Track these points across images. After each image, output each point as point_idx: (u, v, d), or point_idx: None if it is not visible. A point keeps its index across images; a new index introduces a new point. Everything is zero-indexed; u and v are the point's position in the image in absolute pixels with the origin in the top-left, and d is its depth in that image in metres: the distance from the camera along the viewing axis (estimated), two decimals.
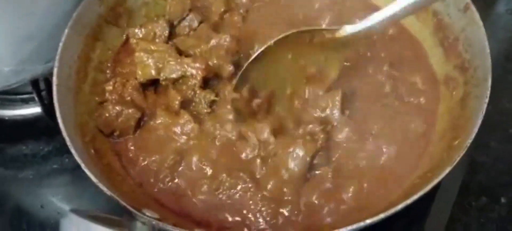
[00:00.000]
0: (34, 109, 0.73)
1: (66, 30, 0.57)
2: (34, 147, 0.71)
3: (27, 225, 0.66)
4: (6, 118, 0.73)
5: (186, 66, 0.59)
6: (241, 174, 0.54)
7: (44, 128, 0.73)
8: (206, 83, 0.60)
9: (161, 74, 0.59)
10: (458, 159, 0.48)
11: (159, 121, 0.58)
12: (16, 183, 0.69)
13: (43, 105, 0.69)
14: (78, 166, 0.71)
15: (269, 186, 0.53)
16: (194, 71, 0.58)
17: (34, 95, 0.68)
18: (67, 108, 0.54)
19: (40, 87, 0.69)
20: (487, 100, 0.50)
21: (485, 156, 0.67)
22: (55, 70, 0.55)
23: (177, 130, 0.57)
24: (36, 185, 0.69)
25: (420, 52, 0.64)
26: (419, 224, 0.62)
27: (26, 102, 0.73)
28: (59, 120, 0.52)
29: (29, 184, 0.69)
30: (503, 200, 0.63)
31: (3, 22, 0.56)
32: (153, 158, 0.56)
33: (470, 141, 0.48)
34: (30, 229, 0.65)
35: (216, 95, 0.59)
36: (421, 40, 0.65)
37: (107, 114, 0.57)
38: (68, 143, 0.50)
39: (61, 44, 0.57)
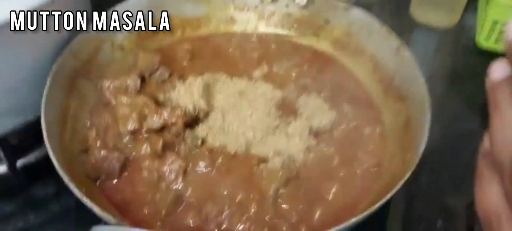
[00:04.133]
0: None
1: (48, 82, 0.59)
2: None
3: None
4: None
5: (167, 116, 0.62)
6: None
7: (3, 189, 0.71)
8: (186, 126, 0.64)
9: (144, 126, 0.62)
10: (415, 165, 0.54)
11: (146, 164, 0.60)
12: None
13: (9, 163, 0.67)
14: (44, 223, 0.70)
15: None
16: (174, 120, 0.62)
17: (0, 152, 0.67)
18: (55, 154, 0.54)
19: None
20: (429, 118, 0.58)
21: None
22: (42, 118, 0.56)
23: (165, 169, 0.59)
24: None
25: (362, 89, 0.73)
26: None
27: None
28: (55, 163, 0.53)
29: None
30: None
31: None
32: (145, 198, 0.58)
33: (421, 150, 0.55)
34: None
35: None
36: (362, 80, 0.74)
37: (93, 160, 0.58)
38: (67, 181, 0.51)
39: (44, 93, 0.58)
